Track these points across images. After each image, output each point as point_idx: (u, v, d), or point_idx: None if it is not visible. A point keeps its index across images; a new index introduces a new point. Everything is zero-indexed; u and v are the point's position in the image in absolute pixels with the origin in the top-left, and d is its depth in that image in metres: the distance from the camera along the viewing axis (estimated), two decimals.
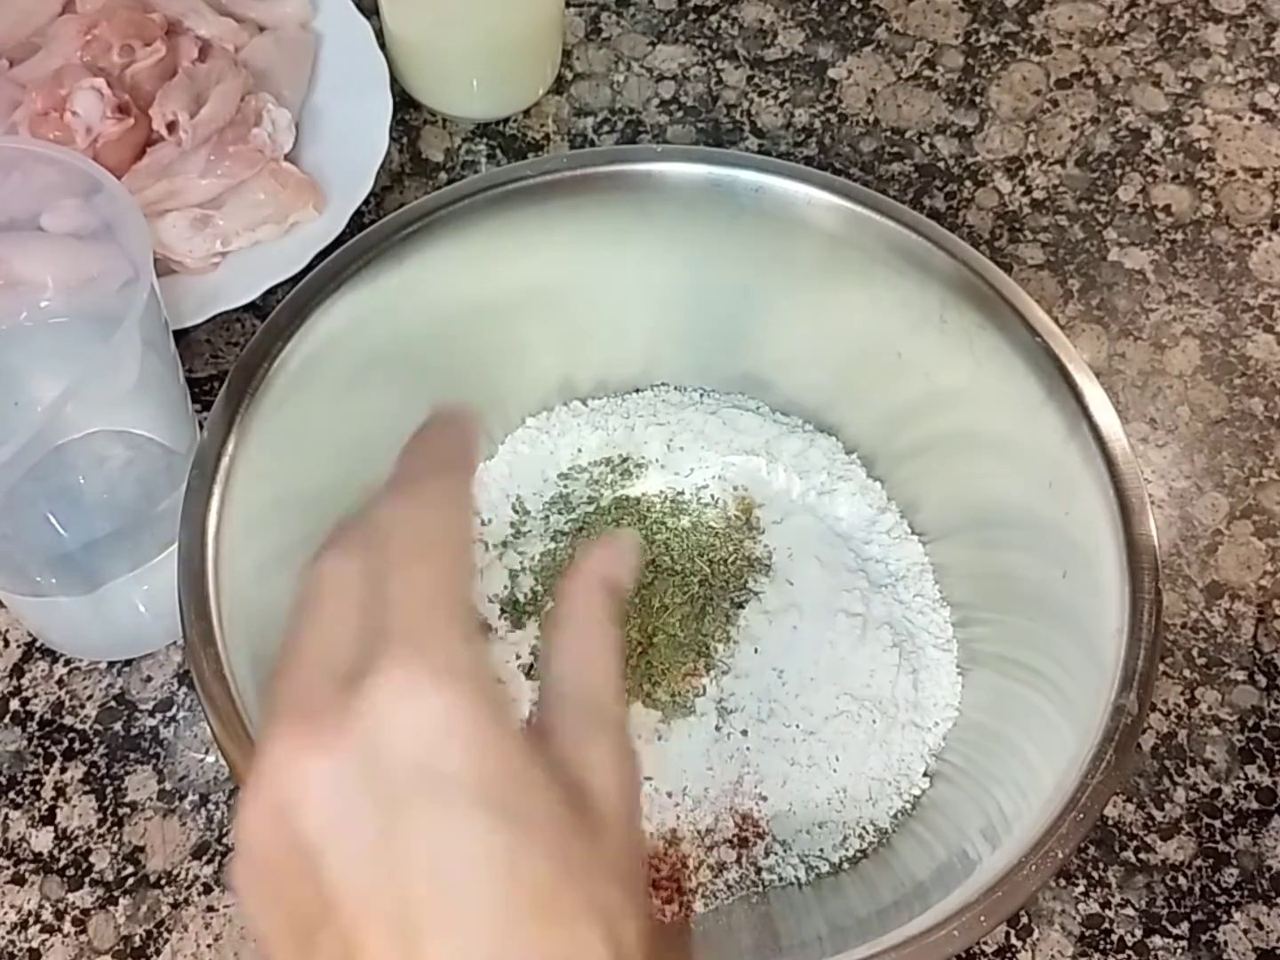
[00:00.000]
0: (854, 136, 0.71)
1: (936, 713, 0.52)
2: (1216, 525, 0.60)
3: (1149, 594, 0.44)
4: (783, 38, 0.74)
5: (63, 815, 0.53)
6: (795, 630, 0.53)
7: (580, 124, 0.71)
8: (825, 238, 0.52)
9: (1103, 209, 0.69)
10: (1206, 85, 0.73)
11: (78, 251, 0.51)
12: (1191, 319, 0.66)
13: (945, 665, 0.53)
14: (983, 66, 0.74)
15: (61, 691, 0.55)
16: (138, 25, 0.62)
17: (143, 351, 0.44)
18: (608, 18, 0.75)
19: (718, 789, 0.50)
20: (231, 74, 0.63)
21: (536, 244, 0.53)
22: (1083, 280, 0.67)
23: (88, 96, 0.59)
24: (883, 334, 0.54)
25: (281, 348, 0.48)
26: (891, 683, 0.52)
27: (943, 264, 0.51)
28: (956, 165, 0.70)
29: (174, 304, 0.58)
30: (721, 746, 0.51)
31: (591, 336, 0.57)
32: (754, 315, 0.57)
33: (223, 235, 0.61)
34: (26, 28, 0.65)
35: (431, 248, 0.51)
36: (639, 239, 0.55)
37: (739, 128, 0.71)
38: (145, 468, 0.50)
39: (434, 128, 0.70)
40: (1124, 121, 0.72)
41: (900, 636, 0.53)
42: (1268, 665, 0.57)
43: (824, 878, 0.50)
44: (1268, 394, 0.64)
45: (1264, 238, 0.68)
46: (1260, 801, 0.54)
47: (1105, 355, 0.64)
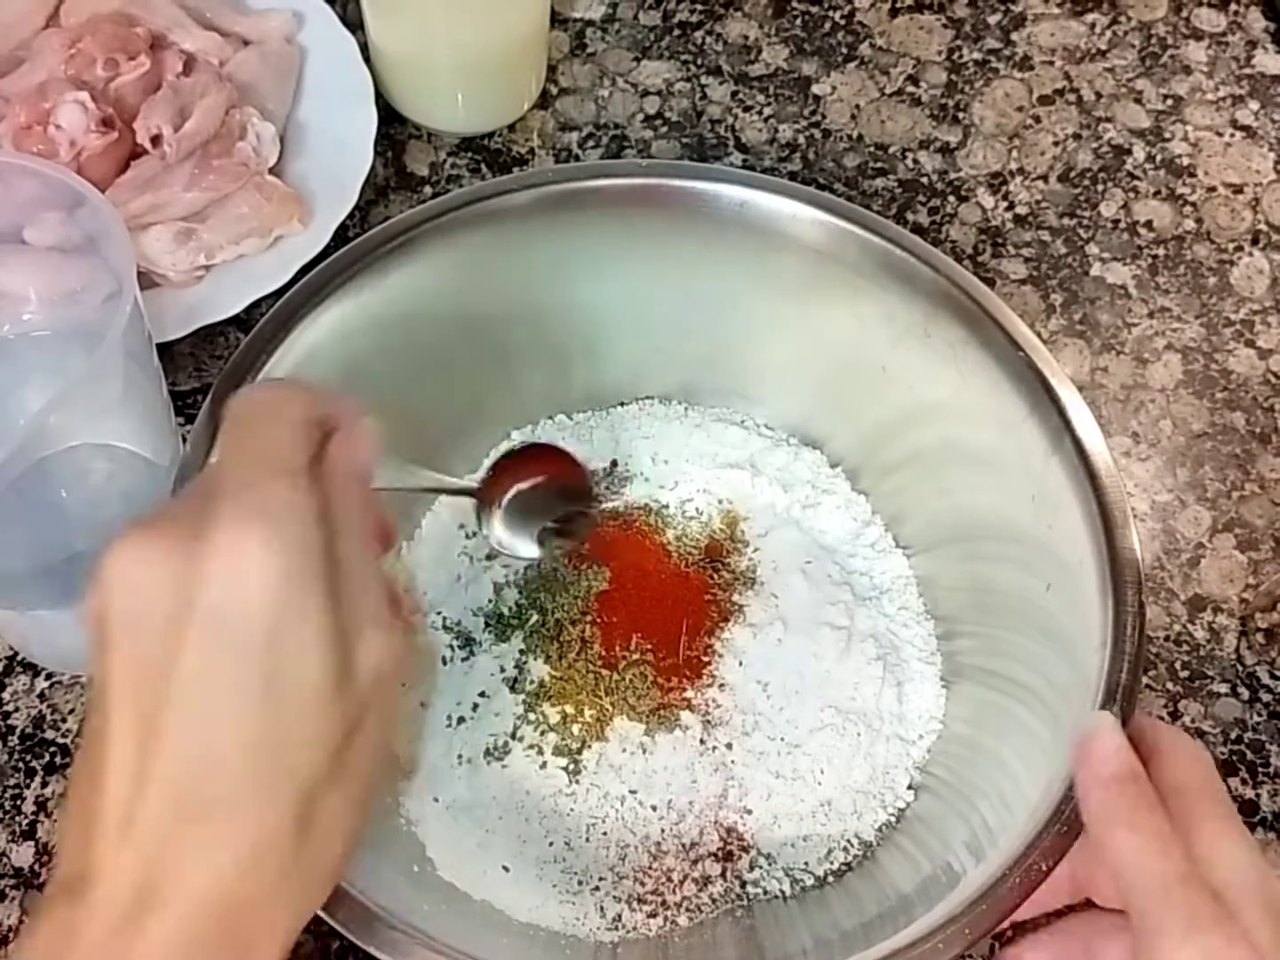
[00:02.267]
0: (838, 152, 0.71)
1: (920, 725, 0.52)
2: (1199, 538, 0.61)
3: (1132, 607, 0.44)
4: (767, 54, 0.75)
5: (44, 830, 0.52)
6: (780, 644, 0.53)
7: (565, 139, 0.71)
8: (809, 252, 0.53)
9: (1085, 224, 0.69)
10: (1188, 102, 0.74)
11: (61, 265, 0.51)
12: (1173, 334, 0.66)
13: (929, 678, 0.53)
14: (966, 83, 0.74)
15: (43, 705, 0.55)
16: (122, 39, 0.62)
17: (126, 365, 0.44)
18: (593, 33, 0.75)
19: (702, 802, 0.50)
20: (216, 88, 0.63)
21: (521, 258, 0.53)
22: (1065, 295, 0.67)
23: (72, 110, 0.59)
24: (867, 348, 0.54)
25: (265, 361, 0.48)
26: (876, 696, 0.52)
27: (926, 279, 0.51)
28: (940, 180, 0.70)
29: (157, 317, 0.58)
30: (706, 760, 0.51)
31: (576, 350, 0.57)
32: (738, 329, 0.57)
33: (207, 249, 0.61)
34: (10, 41, 0.65)
35: (416, 262, 0.51)
36: (624, 253, 0.55)
37: (723, 143, 0.71)
38: (128, 481, 0.50)
39: (419, 142, 0.71)
40: (1106, 138, 0.72)
41: (885, 650, 0.53)
42: (1250, 678, 0.57)
43: (808, 891, 0.50)
44: (1249, 408, 0.64)
45: (1245, 253, 0.69)
46: (1243, 814, 0.54)
47: (1088, 369, 0.65)
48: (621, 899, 0.49)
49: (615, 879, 0.49)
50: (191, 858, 0.32)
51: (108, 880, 0.32)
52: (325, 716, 0.34)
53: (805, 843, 0.50)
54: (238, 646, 0.33)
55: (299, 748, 0.34)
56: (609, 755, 0.51)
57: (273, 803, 0.33)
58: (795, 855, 0.50)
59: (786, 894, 0.49)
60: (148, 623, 0.33)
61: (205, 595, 0.33)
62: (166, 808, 0.32)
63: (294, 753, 0.33)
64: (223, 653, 0.33)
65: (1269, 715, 0.56)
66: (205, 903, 0.32)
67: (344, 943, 0.49)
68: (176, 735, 0.33)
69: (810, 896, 0.49)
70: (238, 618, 0.33)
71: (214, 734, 0.33)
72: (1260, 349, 0.66)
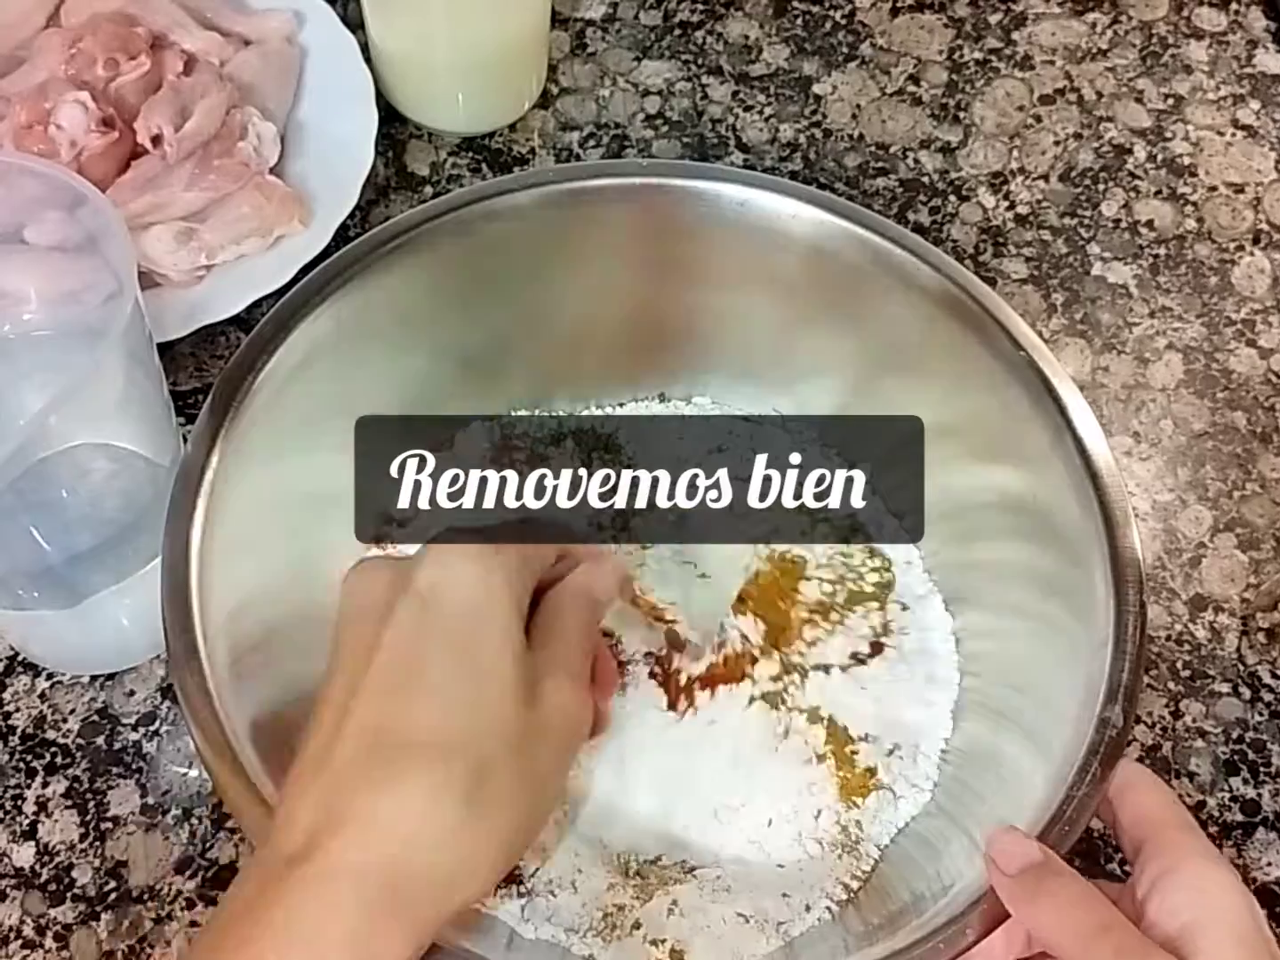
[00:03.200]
0: (839, 151, 0.71)
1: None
2: (1200, 538, 0.61)
3: (1133, 607, 0.44)
4: (768, 53, 0.74)
5: (44, 830, 0.52)
6: None
7: (566, 138, 0.71)
8: (810, 252, 0.53)
9: (1086, 224, 0.69)
10: (1189, 101, 0.74)
11: (61, 265, 0.51)
12: (1174, 333, 0.66)
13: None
14: (966, 82, 0.74)
15: (44, 705, 0.55)
16: (122, 39, 0.62)
17: (127, 365, 0.44)
18: (593, 33, 0.75)
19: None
20: (216, 88, 0.63)
21: (522, 258, 0.53)
22: (1066, 294, 0.67)
23: (72, 110, 0.59)
24: (866, 348, 0.54)
25: (266, 361, 0.47)
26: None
27: (927, 278, 0.51)
28: (941, 180, 0.70)
29: (158, 317, 0.58)
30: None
31: (576, 350, 0.57)
32: (738, 329, 0.57)
33: (207, 248, 0.61)
34: (10, 41, 0.65)
35: (417, 262, 0.51)
36: (624, 253, 0.55)
37: (724, 143, 0.71)
38: (129, 481, 0.50)
39: (419, 142, 0.71)
40: (1107, 137, 0.72)
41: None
42: (1251, 678, 0.57)
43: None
44: (1250, 408, 0.64)
45: (1246, 253, 0.69)
46: (1245, 814, 0.54)
47: (1089, 369, 0.65)
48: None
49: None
50: (366, 805, 0.35)
51: (289, 824, 0.36)
52: (511, 706, 0.38)
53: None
54: (438, 621, 0.38)
55: (485, 720, 0.37)
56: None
57: (453, 759, 0.36)
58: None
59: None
60: (369, 608, 0.39)
61: (415, 581, 0.39)
62: (358, 752, 0.36)
63: (480, 724, 0.37)
64: (424, 624, 0.38)
65: (1270, 715, 0.56)
66: (374, 848, 0.35)
67: None
68: (373, 692, 0.37)
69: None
70: (440, 598, 0.39)
71: (410, 692, 0.37)
72: (1261, 349, 0.66)
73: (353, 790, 0.36)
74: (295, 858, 0.35)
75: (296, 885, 0.34)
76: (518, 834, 0.38)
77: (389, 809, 0.35)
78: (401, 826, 0.35)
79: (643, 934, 0.46)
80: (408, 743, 0.36)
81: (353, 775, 0.36)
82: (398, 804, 0.35)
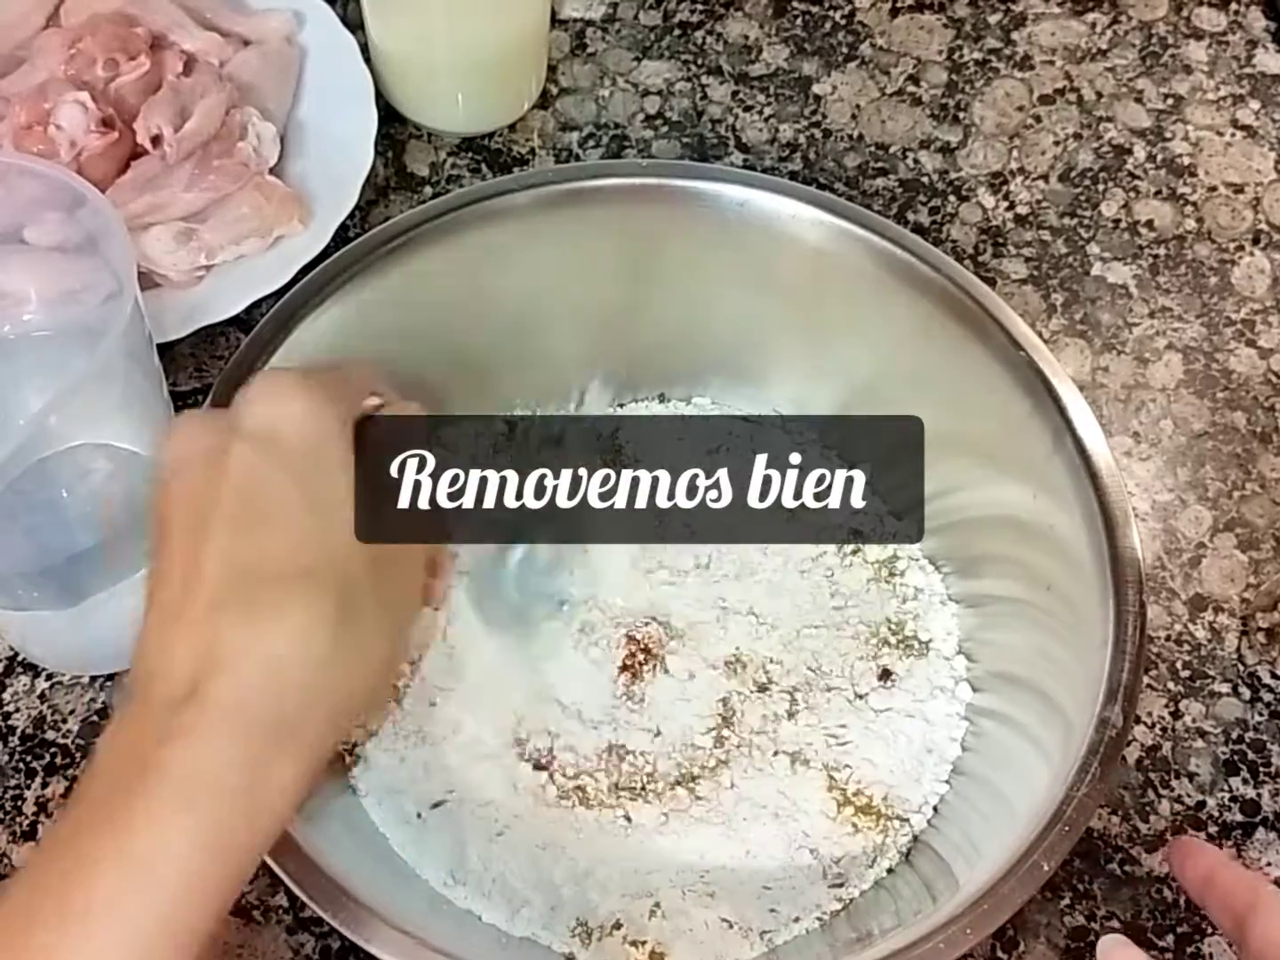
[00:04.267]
0: (838, 152, 0.71)
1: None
2: (1200, 538, 0.61)
3: (1133, 607, 0.44)
4: (767, 54, 0.74)
5: (44, 831, 0.52)
6: (787, 648, 0.53)
7: (565, 139, 0.71)
8: (810, 252, 0.53)
9: (1085, 224, 0.69)
10: (1188, 101, 0.74)
11: (61, 265, 0.51)
12: (1174, 333, 0.66)
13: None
14: (966, 82, 0.74)
15: (43, 706, 0.55)
16: (122, 39, 0.62)
17: (126, 365, 0.44)
18: (593, 33, 0.75)
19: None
20: (216, 88, 0.63)
21: (521, 258, 0.53)
22: (1066, 295, 0.67)
23: (72, 110, 0.59)
24: (866, 348, 0.54)
25: (265, 361, 0.48)
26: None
27: (927, 278, 0.51)
28: (940, 180, 0.70)
29: (158, 317, 0.58)
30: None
31: (575, 350, 0.57)
32: (738, 329, 0.57)
33: (207, 249, 0.61)
34: (10, 41, 0.65)
35: (416, 262, 0.51)
36: (624, 253, 0.55)
37: (724, 143, 0.71)
38: (128, 481, 0.50)
39: (419, 142, 0.71)
40: (1106, 137, 0.72)
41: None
42: (1251, 678, 0.57)
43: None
44: (1250, 408, 0.64)
45: (1246, 253, 0.69)
46: (1244, 814, 0.54)
47: (1089, 369, 0.65)
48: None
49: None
50: (242, 642, 0.36)
51: (163, 672, 0.36)
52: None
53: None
54: (277, 457, 0.38)
55: (338, 548, 0.38)
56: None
57: (316, 586, 0.37)
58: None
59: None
60: (197, 457, 0.39)
61: (245, 422, 0.39)
62: (221, 592, 0.36)
63: (334, 551, 0.38)
64: (264, 461, 0.38)
65: (1270, 715, 0.56)
66: (255, 683, 0.35)
67: (345, 943, 0.49)
68: (226, 532, 0.37)
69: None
70: (276, 435, 0.38)
71: (263, 527, 0.38)
72: (1261, 349, 0.66)
73: (225, 629, 0.36)
74: (175, 701, 0.35)
75: (183, 729, 0.35)
76: (386, 650, 0.41)
77: (263, 642, 0.36)
78: (278, 658, 0.36)
79: (623, 934, 0.47)
80: (271, 575, 0.37)
81: (221, 615, 0.36)
82: (271, 636, 0.36)
